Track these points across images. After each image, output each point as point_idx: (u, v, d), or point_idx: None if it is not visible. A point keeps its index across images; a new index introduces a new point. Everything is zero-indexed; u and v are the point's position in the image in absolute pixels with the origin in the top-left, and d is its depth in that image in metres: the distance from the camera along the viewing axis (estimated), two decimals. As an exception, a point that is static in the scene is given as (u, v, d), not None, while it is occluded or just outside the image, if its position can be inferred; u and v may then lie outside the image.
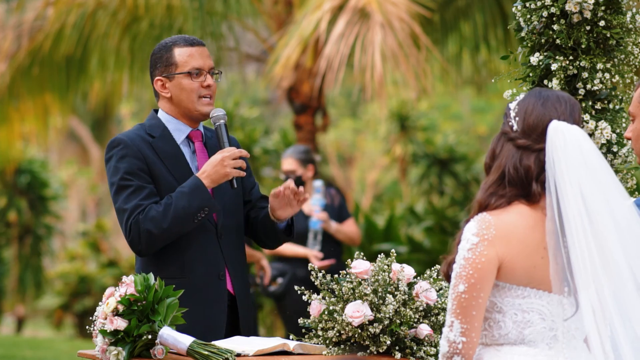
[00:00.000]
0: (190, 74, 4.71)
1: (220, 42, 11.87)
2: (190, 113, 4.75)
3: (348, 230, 9.10)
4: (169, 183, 4.66)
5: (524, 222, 3.29)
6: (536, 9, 4.80)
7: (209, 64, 4.76)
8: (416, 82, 10.35)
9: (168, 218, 4.55)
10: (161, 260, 4.65)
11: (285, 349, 4.30)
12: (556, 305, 3.29)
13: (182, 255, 4.65)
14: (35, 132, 13.07)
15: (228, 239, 4.73)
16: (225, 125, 4.76)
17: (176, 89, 4.73)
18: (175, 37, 4.80)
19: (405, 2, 10.40)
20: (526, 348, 3.29)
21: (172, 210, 4.55)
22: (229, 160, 4.62)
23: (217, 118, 4.75)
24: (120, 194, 4.62)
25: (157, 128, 4.74)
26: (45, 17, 11.77)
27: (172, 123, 4.77)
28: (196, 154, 4.78)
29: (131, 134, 4.72)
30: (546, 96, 3.35)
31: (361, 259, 4.26)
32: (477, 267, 3.23)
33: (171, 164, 4.69)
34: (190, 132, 4.78)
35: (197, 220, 4.59)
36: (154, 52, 4.80)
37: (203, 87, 4.73)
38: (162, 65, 4.75)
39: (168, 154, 4.70)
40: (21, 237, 19.18)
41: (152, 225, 4.55)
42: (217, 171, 4.61)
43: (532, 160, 3.31)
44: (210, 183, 4.61)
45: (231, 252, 4.74)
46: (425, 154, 16.63)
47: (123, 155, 4.65)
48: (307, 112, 11.58)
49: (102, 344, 4.17)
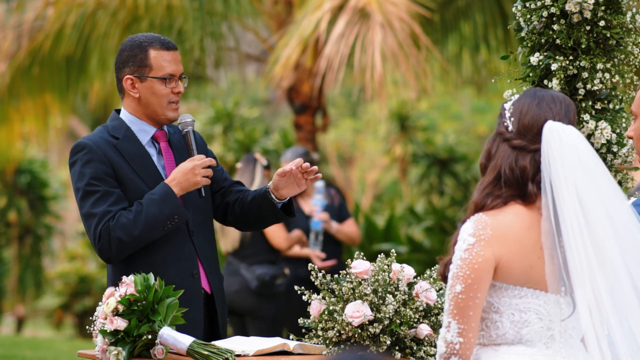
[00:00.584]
0: (164, 80, 4.66)
1: (220, 42, 11.87)
2: (157, 117, 4.71)
3: (348, 230, 9.11)
4: (136, 185, 4.63)
5: (520, 223, 3.29)
6: (536, 9, 4.80)
7: (181, 69, 4.72)
8: (416, 82, 10.35)
9: (139, 226, 4.52)
10: (133, 262, 4.61)
11: (285, 349, 4.30)
12: (553, 305, 3.29)
13: (154, 256, 4.62)
14: (35, 132, 13.07)
15: (200, 235, 4.72)
16: (194, 132, 4.73)
17: (146, 92, 4.68)
18: (149, 36, 4.72)
19: (405, 2, 10.40)
20: (524, 348, 3.30)
21: (142, 218, 4.53)
22: (199, 169, 4.61)
23: (186, 124, 4.72)
24: (87, 200, 4.57)
25: (120, 129, 4.70)
26: (45, 17, 11.77)
27: (136, 124, 4.72)
28: (162, 154, 4.74)
29: (95, 138, 4.67)
30: (541, 96, 3.35)
31: (361, 259, 4.26)
32: (474, 267, 3.23)
33: (137, 165, 4.65)
34: (155, 132, 4.73)
35: (166, 228, 4.58)
36: (125, 48, 4.72)
37: (174, 93, 4.69)
38: (134, 65, 4.68)
39: (133, 155, 4.66)
40: (21, 237, 19.18)
41: (123, 233, 4.52)
42: (187, 179, 4.60)
43: (528, 160, 3.31)
44: (179, 191, 4.59)
45: (204, 249, 4.72)
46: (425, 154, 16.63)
47: (88, 160, 4.60)
48: (307, 112, 11.58)
49: (102, 344, 4.17)
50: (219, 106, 14.97)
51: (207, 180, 4.64)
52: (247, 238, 8.68)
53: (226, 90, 18.18)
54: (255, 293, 8.64)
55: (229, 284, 8.74)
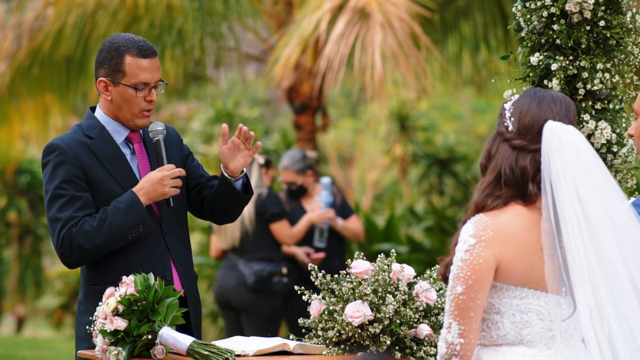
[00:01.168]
0: (136, 88, 4.61)
1: (220, 42, 11.87)
2: (127, 123, 4.67)
3: (353, 226, 9.13)
4: (109, 187, 4.61)
5: (521, 223, 3.29)
6: (536, 9, 4.80)
7: (157, 77, 4.65)
8: (416, 82, 10.35)
9: (102, 234, 4.51)
10: (104, 265, 4.61)
11: (285, 349, 4.30)
12: (554, 305, 3.29)
13: (125, 259, 4.60)
14: (35, 132, 13.07)
15: (174, 236, 4.70)
16: (164, 141, 4.69)
17: (118, 97, 4.64)
18: (129, 40, 4.64)
19: (405, 2, 10.40)
20: (524, 348, 3.30)
21: (106, 226, 4.52)
22: (168, 179, 4.59)
23: (156, 133, 4.69)
24: (54, 203, 4.56)
25: (94, 128, 4.67)
26: (45, 17, 11.77)
27: (111, 125, 4.69)
28: (136, 155, 4.71)
29: (68, 139, 4.64)
30: (541, 96, 3.35)
31: (361, 259, 4.26)
32: (475, 268, 3.23)
33: (111, 166, 4.63)
34: (128, 133, 4.70)
35: (130, 237, 4.57)
36: (104, 49, 4.65)
37: (146, 102, 4.64)
38: (109, 68, 4.62)
39: (108, 155, 4.63)
40: (21, 237, 19.18)
41: (85, 240, 4.51)
42: (155, 189, 4.58)
43: (528, 160, 3.31)
44: (146, 200, 4.58)
45: (178, 249, 4.70)
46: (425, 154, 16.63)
47: (60, 162, 4.58)
48: (307, 112, 11.58)
49: (102, 344, 4.17)
50: (219, 106, 14.97)
51: (175, 191, 4.62)
52: (248, 235, 8.69)
53: (226, 90, 18.18)
54: (251, 289, 8.66)
55: (226, 278, 8.75)
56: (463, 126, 22.16)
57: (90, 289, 4.65)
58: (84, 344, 4.59)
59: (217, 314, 12.90)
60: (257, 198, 8.67)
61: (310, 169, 9.02)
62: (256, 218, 8.70)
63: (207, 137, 14.26)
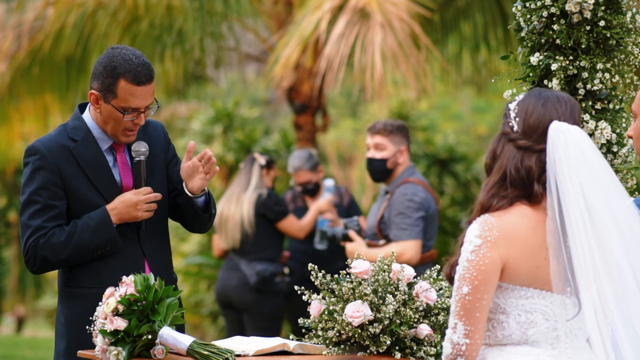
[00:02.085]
0: (124, 112, 4.58)
1: (220, 42, 11.87)
2: (111, 137, 4.66)
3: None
4: (88, 194, 4.61)
5: (526, 223, 3.29)
6: (536, 9, 4.80)
7: (148, 102, 4.61)
8: (416, 82, 10.35)
9: (67, 249, 4.53)
10: (79, 269, 4.62)
11: (285, 349, 4.30)
12: (559, 305, 3.30)
13: (99, 265, 4.61)
14: (35, 132, 13.07)
15: (152, 242, 4.70)
16: (146, 162, 4.67)
17: (107, 114, 4.61)
18: (127, 63, 4.56)
19: (405, 2, 10.40)
20: (529, 348, 3.30)
21: (73, 242, 4.53)
22: (143, 204, 4.60)
23: (138, 153, 4.67)
24: (27, 209, 4.57)
25: (80, 131, 4.66)
26: (45, 17, 11.77)
27: (97, 131, 4.67)
28: (118, 164, 4.70)
29: (49, 142, 4.62)
30: (546, 97, 3.35)
31: (361, 259, 4.26)
32: (481, 268, 3.23)
33: (92, 172, 4.62)
34: (113, 143, 4.69)
35: (96, 254, 4.58)
36: (100, 64, 4.60)
37: (132, 124, 4.62)
38: (102, 85, 4.58)
39: (89, 160, 4.62)
40: (21, 237, 19.18)
41: (50, 253, 4.53)
42: (128, 212, 4.59)
43: (533, 161, 3.31)
44: (118, 220, 4.59)
45: (154, 254, 4.70)
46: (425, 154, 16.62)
47: (38, 167, 4.58)
48: (307, 112, 11.58)
49: (102, 344, 4.17)
50: (219, 106, 14.97)
51: (149, 214, 4.62)
52: (248, 236, 8.70)
53: (226, 90, 18.18)
54: (253, 289, 8.66)
55: (229, 278, 8.76)
56: (463, 126, 22.17)
57: (64, 291, 4.68)
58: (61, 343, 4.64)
59: (217, 314, 12.90)
60: (257, 199, 8.68)
61: (319, 164, 9.06)
62: (256, 219, 8.70)
63: (207, 137, 14.25)
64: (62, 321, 4.63)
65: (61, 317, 4.66)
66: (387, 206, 7.10)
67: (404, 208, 7.03)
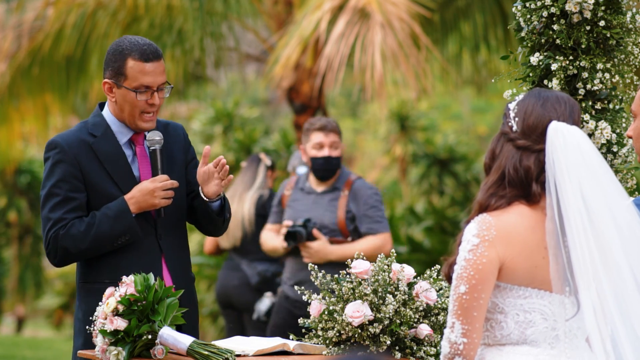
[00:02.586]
0: (136, 92, 4.64)
1: (220, 42, 11.87)
2: (130, 125, 4.71)
3: None
4: (107, 188, 4.64)
5: (525, 223, 3.29)
6: (536, 9, 4.80)
7: (160, 80, 4.68)
8: (416, 82, 10.35)
9: (87, 240, 4.57)
10: (96, 264, 4.66)
11: (285, 349, 4.30)
12: (558, 305, 3.30)
13: (116, 259, 4.64)
14: (35, 132, 13.07)
15: (169, 238, 4.72)
16: (160, 151, 4.71)
17: (121, 99, 4.67)
18: (133, 43, 4.66)
19: (405, 2, 10.40)
20: (528, 348, 3.30)
21: (92, 232, 4.57)
22: (159, 191, 4.62)
23: (153, 142, 4.71)
24: (48, 202, 4.62)
25: (100, 127, 4.71)
26: (45, 17, 11.77)
27: (116, 125, 4.73)
28: (137, 157, 4.74)
29: (70, 137, 4.68)
30: (546, 97, 3.35)
31: (361, 259, 4.26)
32: (478, 268, 3.23)
33: (111, 166, 4.66)
34: (132, 135, 4.74)
35: (116, 244, 4.60)
36: (110, 51, 4.69)
37: (147, 104, 4.67)
38: (113, 70, 4.67)
39: (109, 155, 4.67)
40: (21, 237, 19.18)
41: (70, 244, 4.57)
42: (145, 200, 4.62)
43: (532, 160, 3.31)
44: (136, 209, 4.62)
45: (172, 252, 4.72)
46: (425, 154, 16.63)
47: (58, 160, 4.63)
48: (307, 112, 11.57)
49: (102, 344, 4.17)
50: (219, 106, 14.97)
51: (166, 202, 4.64)
52: (249, 234, 8.69)
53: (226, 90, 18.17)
54: (254, 289, 8.66)
55: (229, 278, 8.75)
56: (463, 126, 22.17)
57: (82, 287, 4.73)
58: (79, 339, 4.66)
59: (217, 314, 12.90)
60: (258, 199, 8.68)
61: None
62: (256, 219, 8.69)
63: (207, 137, 14.26)
64: (80, 317, 4.67)
65: (79, 312, 4.71)
66: (348, 202, 7.12)
67: (375, 202, 7.13)
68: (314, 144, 7.11)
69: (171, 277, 4.69)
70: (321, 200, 7.22)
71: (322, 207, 7.21)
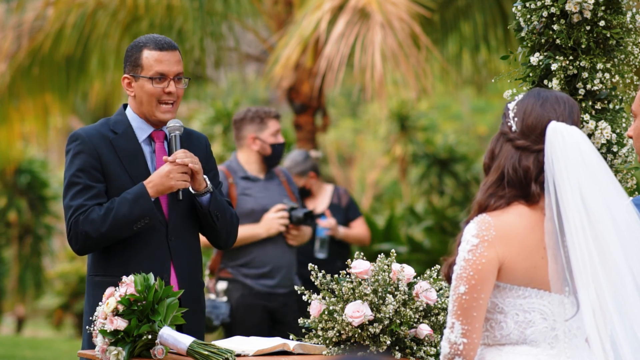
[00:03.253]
0: (152, 79, 4.72)
1: (220, 42, 11.87)
2: (149, 116, 4.77)
3: (356, 232, 9.01)
4: (123, 183, 4.70)
5: (524, 223, 3.29)
6: (536, 9, 4.80)
7: (176, 69, 4.76)
8: (416, 82, 10.35)
9: (107, 223, 4.60)
10: (108, 258, 4.70)
11: (285, 349, 4.30)
12: (557, 304, 3.30)
13: (127, 255, 4.68)
14: (35, 132, 13.07)
15: (180, 240, 4.74)
16: (180, 137, 4.76)
17: (139, 91, 4.76)
18: (149, 37, 4.80)
19: (405, 2, 10.40)
20: (528, 347, 3.30)
21: (112, 216, 4.60)
22: (175, 173, 4.65)
23: (173, 129, 4.77)
24: (69, 190, 4.68)
25: (121, 124, 4.78)
26: (45, 17, 11.76)
27: (137, 121, 4.80)
28: (155, 154, 4.79)
29: (91, 130, 4.76)
30: (545, 97, 3.36)
31: (361, 259, 4.26)
32: (478, 268, 3.23)
33: (128, 163, 4.72)
34: (152, 132, 4.80)
35: (136, 228, 4.63)
36: (127, 49, 4.82)
37: (164, 93, 4.73)
38: (130, 65, 4.78)
39: (127, 152, 4.73)
40: (21, 237, 19.17)
41: (90, 228, 4.61)
42: (162, 182, 4.65)
43: (531, 161, 3.31)
44: (155, 193, 4.66)
45: (181, 253, 4.73)
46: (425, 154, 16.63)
47: (79, 151, 4.70)
48: (307, 112, 11.57)
49: (102, 344, 4.17)
50: (219, 106, 14.97)
51: (183, 184, 4.67)
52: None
53: (226, 90, 18.17)
54: None
55: None
56: (463, 126, 22.17)
57: (91, 280, 4.76)
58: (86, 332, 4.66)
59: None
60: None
61: (312, 170, 8.99)
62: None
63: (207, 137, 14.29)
64: (87, 310, 4.70)
65: (87, 305, 4.74)
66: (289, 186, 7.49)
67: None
68: (272, 132, 7.32)
69: (178, 281, 4.71)
70: (270, 186, 7.40)
71: (275, 192, 7.41)
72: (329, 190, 9.08)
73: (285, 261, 7.41)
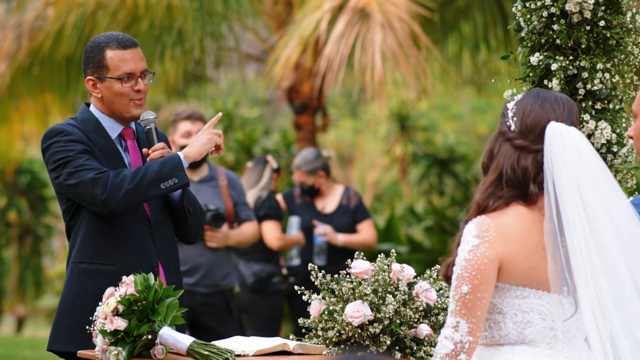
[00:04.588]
0: (120, 79, 4.69)
1: (220, 42, 11.87)
2: (122, 115, 4.74)
3: (360, 237, 8.97)
4: None
5: (522, 223, 3.29)
6: (536, 9, 4.80)
7: (141, 66, 4.73)
8: (416, 82, 10.36)
9: (136, 178, 4.53)
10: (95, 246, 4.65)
11: (285, 349, 4.30)
12: (556, 305, 3.30)
13: (117, 243, 4.66)
14: (35, 132, 13.08)
15: (160, 234, 4.74)
16: (156, 129, 4.77)
17: (107, 92, 4.72)
18: (109, 36, 4.74)
19: (405, 2, 10.41)
20: (526, 347, 3.30)
21: (142, 172, 4.56)
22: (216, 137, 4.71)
23: (148, 122, 4.76)
24: (76, 160, 4.58)
25: (89, 122, 4.74)
26: (45, 17, 11.77)
27: (106, 120, 4.76)
28: (128, 152, 4.78)
29: (67, 126, 4.70)
30: (544, 97, 3.36)
31: (361, 259, 4.26)
32: (480, 268, 3.23)
33: (107, 157, 4.69)
34: (122, 130, 4.77)
35: (165, 187, 4.57)
36: (86, 50, 4.77)
37: (134, 92, 4.71)
38: (93, 66, 4.73)
39: (103, 147, 4.70)
40: (21, 237, 19.18)
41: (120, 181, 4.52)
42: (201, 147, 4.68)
43: (530, 161, 3.31)
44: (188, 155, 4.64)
45: (164, 247, 4.74)
46: (425, 154, 16.64)
47: (70, 140, 4.63)
48: (307, 112, 11.58)
49: (102, 344, 4.17)
50: (219, 106, 14.98)
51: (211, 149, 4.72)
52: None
53: (226, 90, 18.19)
54: (250, 289, 8.66)
55: None
56: (463, 126, 22.18)
57: (76, 267, 4.67)
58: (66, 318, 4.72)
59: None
60: (257, 200, 8.69)
61: (322, 169, 8.99)
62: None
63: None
64: (68, 297, 4.66)
65: (68, 293, 4.68)
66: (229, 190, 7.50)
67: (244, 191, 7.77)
68: (182, 133, 7.30)
69: (164, 272, 4.73)
70: (203, 187, 7.38)
71: (208, 194, 7.39)
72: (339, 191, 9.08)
73: (203, 261, 7.42)
